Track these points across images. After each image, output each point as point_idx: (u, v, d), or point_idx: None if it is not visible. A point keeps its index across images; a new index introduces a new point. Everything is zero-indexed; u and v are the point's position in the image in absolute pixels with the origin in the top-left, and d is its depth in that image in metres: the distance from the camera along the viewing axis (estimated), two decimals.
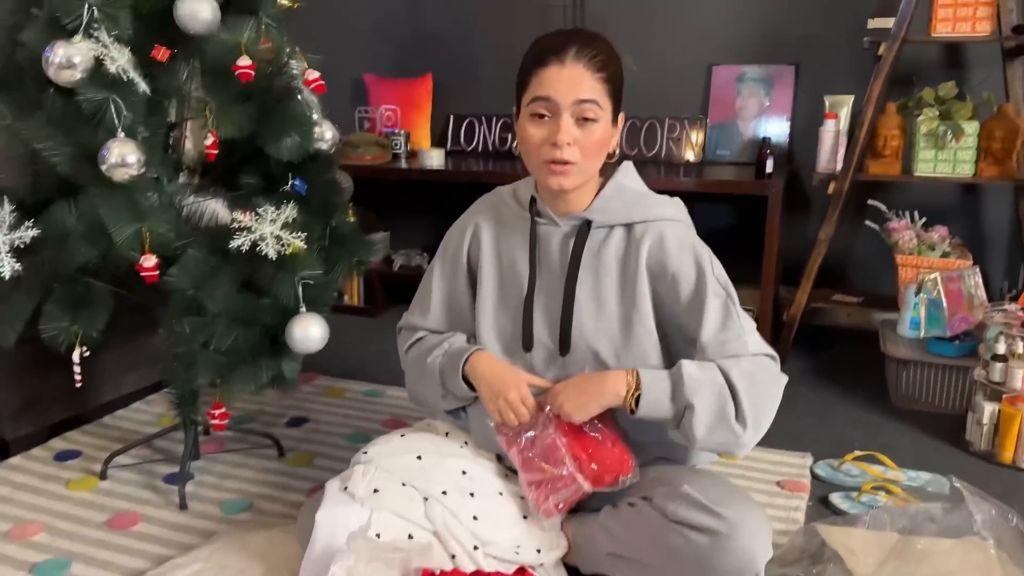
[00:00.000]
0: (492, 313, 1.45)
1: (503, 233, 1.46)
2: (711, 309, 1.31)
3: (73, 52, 1.44)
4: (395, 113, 3.47)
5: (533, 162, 1.34)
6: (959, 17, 2.41)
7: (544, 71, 1.29)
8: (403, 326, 1.60)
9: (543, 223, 1.42)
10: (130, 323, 2.08)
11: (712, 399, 1.25)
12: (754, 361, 1.30)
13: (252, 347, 1.62)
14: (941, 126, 2.46)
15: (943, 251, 2.58)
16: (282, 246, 1.58)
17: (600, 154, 1.33)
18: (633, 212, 1.37)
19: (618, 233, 1.38)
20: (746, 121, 3.06)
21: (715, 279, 1.33)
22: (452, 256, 1.51)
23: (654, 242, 1.35)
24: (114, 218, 1.51)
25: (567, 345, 1.38)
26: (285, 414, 2.34)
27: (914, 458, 2.07)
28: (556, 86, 1.27)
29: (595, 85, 1.28)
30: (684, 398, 1.25)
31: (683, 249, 1.35)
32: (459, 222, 1.54)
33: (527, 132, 1.32)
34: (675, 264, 1.33)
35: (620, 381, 1.30)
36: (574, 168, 1.30)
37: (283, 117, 1.65)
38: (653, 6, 3.11)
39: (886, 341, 2.44)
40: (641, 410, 1.28)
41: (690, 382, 1.25)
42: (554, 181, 1.31)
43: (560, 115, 1.28)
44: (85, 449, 2.12)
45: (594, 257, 1.38)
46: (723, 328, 1.31)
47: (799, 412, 2.35)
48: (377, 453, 1.40)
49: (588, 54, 1.28)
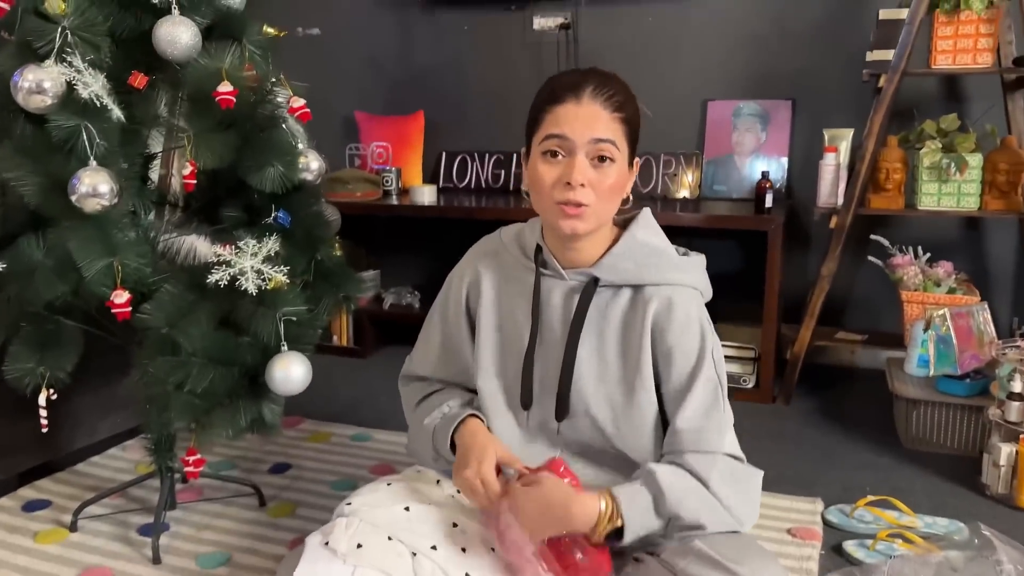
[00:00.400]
0: (492, 366, 1.36)
1: (504, 282, 1.37)
2: (699, 392, 1.23)
3: (43, 77, 1.37)
4: (386, 150, 3.41)
5: (544, 204, 1.24)
6: (959, 49, 2.37)
7: (559, 108, 1.21)
8: (405, 375, 1.51)
9: (548, 275, 1.32)
10: (105, 365, 1.99)
11: (698, 504, 1.18)
12: (728, 462, 1.23)
13: (230, 389, 1.52)
14: (944, 158, 2.40)
15: (949, 287, 2.51)
16: (263, 280, 1.50)
17: (615, 198, 1.24)
18: (645, 273, 1.28)
19: (626, 292, 1.29)
20: (743, 156, 3.01)
21: (712, 363, 1.25)
22: (452, 303, 1.42)
23: (661, 308, 1.26)
24: (84, 251, 1.42)
25: (565, 409, 1.29)
26: (267, 460, 2.22)
27: (929, 503, 1.97)
28: (572, 123, 1.19)
29: (612, 125, 1.20)
30: (669, 509, 1.17)
31: (688, 322, 1.26)
32: (459, 267, 1.45)
33: (538, 171, 1.23)
34: (676, 336, 1.25)
35: (592, 508, 1.17)
36: (588, 211, 1.21)
37: (266, 146, 1.57)
38: (647, 41, 3.09)
39: (894, 380, 2.36)
40: (628, 539, 1.17)
41: (671, 492, 1.17)
42: (567, 224, 1.22)
43: (575, 154, 1.19)
44: (55, 499, 2.00)
45: (600, 316, 1.29)
46: (705, 416, 1.23)
47: (807, 455, 2.25)
48: (361, 504, 1.29)
49: (605, 93, 1.21)
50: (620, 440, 1.28)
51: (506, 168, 3.30)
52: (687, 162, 3.07)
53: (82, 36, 1.42)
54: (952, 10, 2.35)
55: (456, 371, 1.43)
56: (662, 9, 3.05)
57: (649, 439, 1.27)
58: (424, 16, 3.39)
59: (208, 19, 1.58)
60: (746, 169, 3.00)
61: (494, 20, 3.28)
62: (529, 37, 3.24)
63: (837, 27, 2.84)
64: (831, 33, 2.85)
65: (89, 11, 1.43)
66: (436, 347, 1.44)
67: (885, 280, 2.70)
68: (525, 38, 3.24)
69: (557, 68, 3.17)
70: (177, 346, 1.48)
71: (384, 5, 3.44)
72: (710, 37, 3.01)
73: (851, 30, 2.82)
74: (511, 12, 3.25)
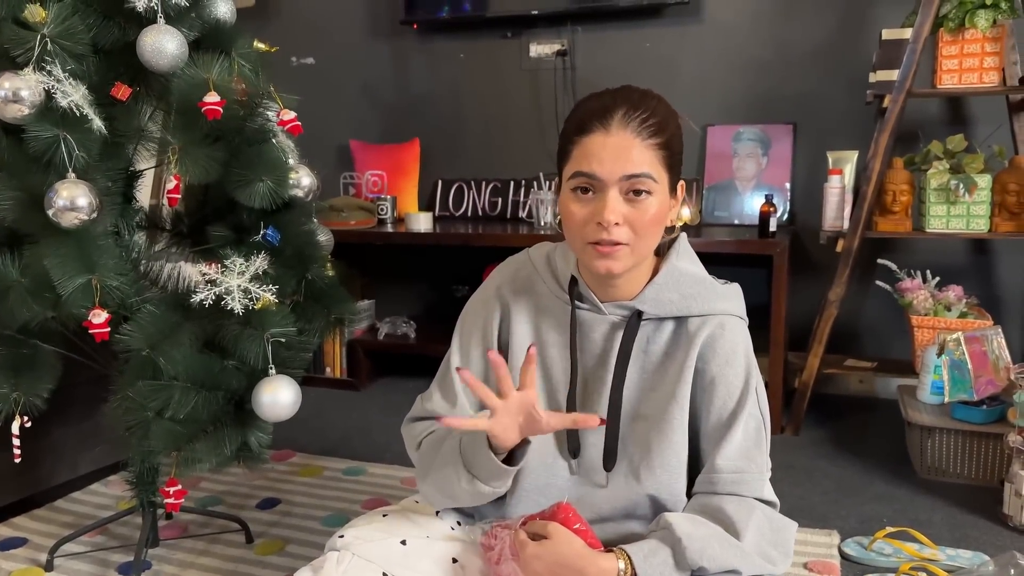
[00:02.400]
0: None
1: (538, 314, 1.25)
2: (741, 430, 1.12)
3: (20, 85, 1.31)
4: (381, 179, 3.36)
5: (576, 243, 1.14)
6: (965, 68, 2.33)
7: (587, 140, 1.10)
8: (416, 416, 1.32)
9: (585, 308, 1.22)
10: (88, 395, 1.91)
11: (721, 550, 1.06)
12: (766, 510, 1.13)
13: (214, 415, 1.44)
14: (952, 180, 2.35)
15: (960, 311, 2.44)
16: (250, 300, 1.42)
17: (656, 232, 1.13)
18: (692, 304, 1.18)
19: (669, 325, 1.19)
20: (744, 182, 2.96)
21: (756, 399, 1.15)
22: (480, 338, 1.27)
23: (707, 339, 1.16)
24: (61, 269, 1.34)
25: (612, 458, 1.17)
26: (255, 495, 2.12)
27: (950, 535, 1.88)
28: (601, 159, 1.08)
29: (646, 154, 1.08)
30: (691, 561, 1.04)
31: (734, 354, 1.16)
32: (483, 295, 1.30)
33: (569, 209, 1.12)
34: (719, 367, 1.15)
35: (610, 569, 1.04)
36: (624, 250, 1.10)
37: (255, 161, 1.51)
38: (644, 67, 3.05)
39: (907, 408, 2.28)
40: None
41: (691, 542, 1.04)
42: (601, 265, 1.11)
43: (607, 191, 1.09)
44: (32, 536, 1.90)
45: (642, 352, 1.19)
46: (747, 457, 1.12)
47: (819, 487, 2.16)
48: (355, 537, 1.19)
49: (638, 117, 1.09)
50: (653, 479, 1.16)
51: (503, 196, 3.24)
52: (687, 188, 3.02)
53: (62, 45, 1.36)
54: (956, 29, 2.31)
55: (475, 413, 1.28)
56: (659, 34, 3.03)
57: (681, 480, 1.16)
58: (419, 44, 3.36)
59: (196, 31, 1.53)
60: (747, 195, 2.95)
61: (490, 47, 3.25)
62: (525, 64, 3.20)
63: (837, 49, 2.82)
64: (831, 56, 2.83)
65: (71, 19, 1.37)
66: (458, 386, 1.26)
67: (893, 305, 2.63)
68: (521, 65, 3.21)
69: (554, 95, 3.14)
70: (158, 369, 1.40)
71: (379, 33, 3.41)
72: (708, 62, 2.98)
73: (851, 52, 2.79)
74: (507, 39, 3.22)
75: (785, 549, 1.12)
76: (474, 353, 1.27)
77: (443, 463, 1.17)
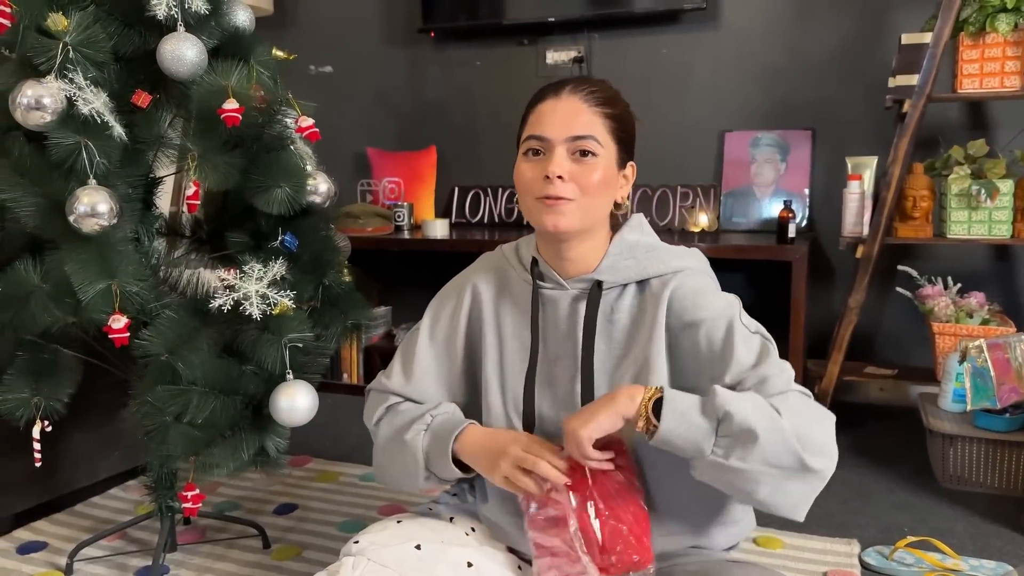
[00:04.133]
0: (497, 391, 1.26)
1: (505, 299, 1.30)
2: (744, 347, 1.11)
3: (43, 92, 1.32)
4: (398, 186, 3.37)
5: (528, 203, 1.19)
6: (986, 72, 2.31)
7: (539, 106, 1.18)
8: (375, 388, 1.36)
9: (548, 287, 1.25)
10: (107, 400, 1.92)
11: (755, 410, 1.01)
12: (800, 396, 1.08)
13: (232, 419, 1.44)
14: (974, 185, 2.33)
15: (982, 318, 2.41)
16: (268, 305, 1.42)
17: (601, 195, 1.17)
18: (648, 266, 1.21)
19: (631, 290, 1.22)
20: (762, 188, 2.95)
21: (743, 324, 1.15)
22: (448, 318, 1.33)
23: (672, 294, 1.18)
24: (81, 274, 1.35)
25: None
26: (272, 500, 2.13)
27: (972, 544, 1.86)
28: (550, 120, 1.16)
29: (593, 120, 1.15)
30: (718, 408, 1.01)
31: (702, 293, 1.17)
32: (457, 281, 1.37)
33: (520, 171, 1.19)
34: (697, 312, 1.15)
35: (637, 388, 1.07)
36: (570, 206, 1.15)
37: (274, 168, 1.51)
38: (662, 73, 3.05)
39: (928, 416, 2.25)
40: (664, 422, 1.02)
41: (722, 394, 1.02)
42: (548, 220, 1.15)
43: (554, 150, 1.15)
44: (51, 540, 1.92)
45: (607, 321, 1.21)
46: (761, 365, 1.10)
47: (839, 495, 2.14)
48: (370, 543, 1.20)
49: (586, 88, 1.17)
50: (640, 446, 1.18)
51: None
52: (704, 195, 3.00)
53: (84, 53, 1.37)
54: (977, 33, 2.29)
55: (445, 392, 1.32)
56: (676, 40, 3.02)
57: None
58: (435, 52, 3.37)
59: (215, 39, 1.54)
60: (766, 201, 2.93)
61: (506, 54, 3.26)
62: (542, 71, 3.20)
63: (855, 54, 2.80)
64: (849, 61, 2.81)
65: (92, 28, 1.38)
66: (424, 365, 1.31)
67: (914, 312, 2.61)
68: (538, 71, 3.21)
69: None
70: (177, 374, 1.41)
71: (395, 42, 3.43)
72: (726, 67, 2.97)
73: (870, 57, 2.77)
74: (523, 46, 3.23)
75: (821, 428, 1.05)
76: (439, 338, 1.33)
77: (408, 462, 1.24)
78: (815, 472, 1.02)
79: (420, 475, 1.24)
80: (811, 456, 1.02)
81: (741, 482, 1.03)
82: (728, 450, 1.01)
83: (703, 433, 1.02)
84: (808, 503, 1.05)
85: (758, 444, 1.00)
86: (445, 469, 1.21)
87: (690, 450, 1.03)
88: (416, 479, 1.25)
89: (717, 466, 1.02)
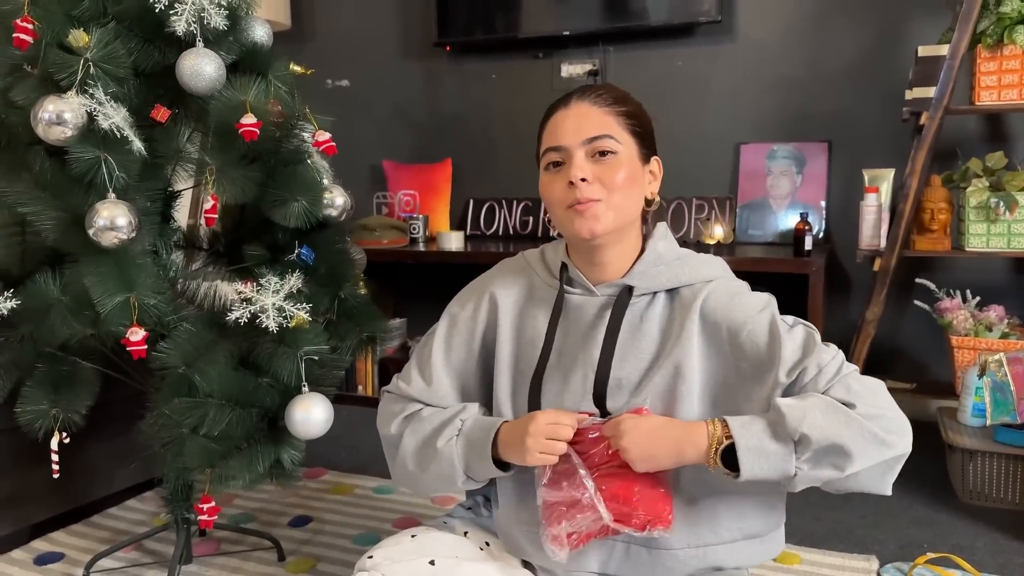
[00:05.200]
0: (509, 398, 1.26)
1: (528, 306, 1.29)
2: (791, 342, 1.11)
3: (64, 107, 1.34)
4: (414, 198, 3.39)
5: (558, 215, 1.19)
6: (1004, 84, 2.30)
7: (551, 120, 1.20)
8: (392, 391, 1.34)
9: (576, 293, 1.24)
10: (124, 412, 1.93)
11: (825, 418, 1.02)
12: (856, 376, 1.09)
13: (247, 431, 1.45)
14: (992, 197, 2.31)
15: (1002, 332, 2.38)
16: (284, 318, 1.43)
17: (630, 192, 1.17)
18: (680, 274, 1.21)
19: (661, 300, 1.21)
20: (778, 200, 2.94)
21: (782, 320, 1.15)
22: (466, 322, 1.32)
23: (706, 302, 1.18)
24: (100, 287, 1.36)
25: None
26: (287, 512, 2.13)
27: (993, 561, 1.83)
28: (563, 128, 1.17)
29: (605, 119, 1.16)
30: (791, 431, 1.01)
31: (739, 297, 1.18)
32: (476, 284, 1.36)
33: (544, 185, 1.20)
34: (736, 315, 1.15)
35: (701, 432, 1.07)
36: (600, 206, 1.14)
37: (291, 181, 1.53)
38: (677, 86, 3.05)
39: (947, 430, 2.22)
40: (744, 463, 1.02)
41: (790, 412, 1.03)
42: (582, 226, 1.15)
43: (573, 156, 1.16)
44: (68, 551, 1.93)
45: (635, 329, 1.20)
46: (811, 354, 1.10)
47: (856, 510, 2.12)
48: (384, 557, 1.19)
49: (595, 92, 1.19)
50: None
51: (534, 215, 3.25)
52: (720, 207, 3.00)
53: (104, 68, 1.39)
54: (995, 45, 2.28)
55: (462, 396, 1.31)
56: (691, 53, 3.02)
57: None
58: (452, 65, 3.39)
59: (234, 54, 1.56)
60: (782, 213, 2.92)
61: (521, 67, 3.27)
62: (557, 84, 3.21)
63: (871, 66, 2.79)
64: (866, 73, 2.80)
65: (113, 44, 1.40)
66: (440, 368, 1.30)
67: (932, 326, 2.58)
68: (553, 85, 3.22)
69: None
70: (194, 386, 1.42)
71: (412, 55, 3.45)
72: (741, 80, 2.97)
73: (886, 69, 2.76)
74: (539, 59, 3.24)
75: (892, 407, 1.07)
76: (455, 343, 1.31)
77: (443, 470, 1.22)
78: (901, 454, 1.06)
79: (458, 480, 1.23)
80: (894, 440, 1.04)
81: (836, 483, 1.06)
82: (814, 464, 1.03)
83: (782, 458, 1.03)
84: (895, 475, 1.08)
85: (844, 451, 1.02)
86: (484, 471, 1.20)
87: (776, 477, 1.05)
88: (454, 483, 1.24)
89: (809, 479, 1.05)
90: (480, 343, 1.31)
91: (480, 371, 1.32)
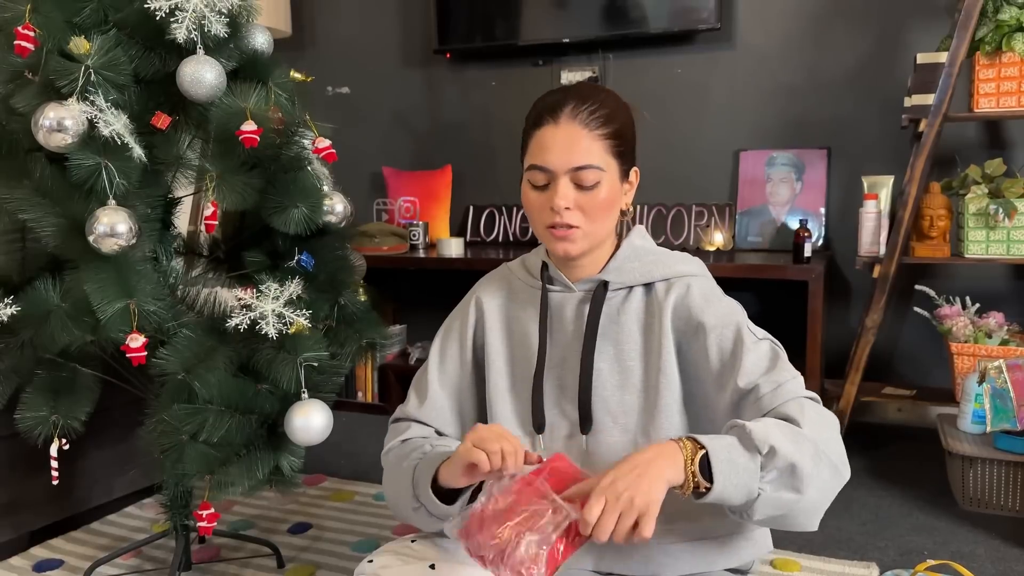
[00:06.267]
0: (508, 397, 1.28)
1: (512, 307, 1.33)
2: (754, 353, 1.13)
3: (64, 114, 1.34)
4: (414, 205, 3.39)
5: (538, 228, 1.23)
6: (1003, 92, 2.30)
7: (539, 133, 1.18)
8: (398, 417, 1.37)
9: (556, 290, 1.28)
10: (124, 419, 1.93)
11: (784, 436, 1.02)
12: (814, 405, 1.10)
13: (247, 438, 1.45)
14: (991, 204, 2.31)
15: (1001, 338, 2.38)
16: (284, 324, 1.43)
17: (607, 215, 1.20)
18: (654, 270, 1.24)
19: (637, 294, 1.24)
20: (777, 207, 2.94)
21: (749, 329, 1.17)
22: (456, 338, 1.35)
23: (678, 298, 1.20)
24: (100, 293, 1.36)
25: (588, 421, 1.21)
26: (287, 519, 2.13)
27: (994, 568, 1.83)
28: (551, 150, 1.16)
29: (593, 145, 1.16)
30: (758, 441, 1.00)
31: (710, 300, 1.20)
32: (463, 302, 1.39)
33: (528, 197, 1.22)
34: (703, 315, 1.18)
35: (673, 449, 1.01)
36: (578, 233, 1.18)
37: (291, 188, 1.53)
38: (676, 93, 3.06)
39: (947, 437, 2.22)
40: (717, 475, 0.98)
41: (755, 426, 1.02)
42: (559, 247, 1.20)
43: (557, 180, 1.17)
44: (68, 558, 1.92)
45: (613, 323, 1.24)
46: (773, 371, 1.12)
47: (858, 517, 2.12)
48: (384, 563, 1.20)
49: (586, 110, 1.16)
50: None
51: None
52: (719, 213, 3.00)
53: (105, 75, 1.39)
54: (993, 52, 2.29)
55: (458, 411, 1.32)
56: (691, 60, 3.03)
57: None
58: (452, 72, 3.40)
59: (234, 61, 1.56)
60: (781, 220, 2.93)
61: (521, 75, 3.28)
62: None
63: (870, 74, 2.80)
64: (865, 80, 2.80)
65: (113, 51, 1.41)
66: (435, 387, 1.32)
67: (932, 332, 2.58)
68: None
69: None
70: (193, 393, 1.41)
71: (411, 63, 3.46)
72: (741, 87, 2.98)
73: (885, 76, 2.77)
74: (539, 67, 3.25)
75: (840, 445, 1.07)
76: (449, 355, 1.33)
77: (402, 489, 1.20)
78: (839, 487, 1.06)
79: (410, 503, 1.18)
80: (843, 470, 1.06)
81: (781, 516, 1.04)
82: (776, 484, 1.01)
83: (750, 473, 1.00)
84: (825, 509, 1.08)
85: (803, 473, 1.00)
86: (428, 495, 1.14)
87: (741, 498, 1.00)
88: (407, 507, 1.20)
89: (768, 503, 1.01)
90: (471, 347, 1.33)
91: (474, 377, 1.34)
